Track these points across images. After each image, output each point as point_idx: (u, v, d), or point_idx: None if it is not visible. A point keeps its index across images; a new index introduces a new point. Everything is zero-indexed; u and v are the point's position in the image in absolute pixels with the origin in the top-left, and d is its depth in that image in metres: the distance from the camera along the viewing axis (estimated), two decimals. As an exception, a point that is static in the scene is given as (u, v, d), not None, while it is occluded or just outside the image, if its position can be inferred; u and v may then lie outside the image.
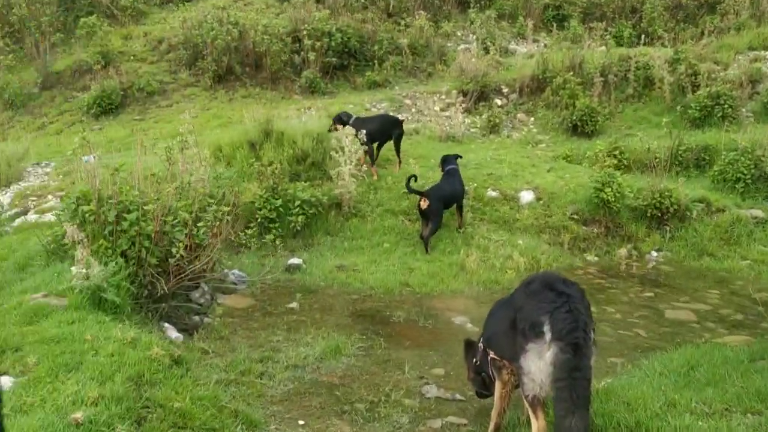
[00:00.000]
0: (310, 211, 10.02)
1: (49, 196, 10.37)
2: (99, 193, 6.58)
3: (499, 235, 10.11)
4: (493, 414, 4.59)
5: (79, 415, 3.49)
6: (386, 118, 12.35)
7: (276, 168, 10.14)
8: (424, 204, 9.60)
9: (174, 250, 6.49)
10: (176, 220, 6.71)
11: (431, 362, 6.13)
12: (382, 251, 9.56)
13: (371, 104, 16.31)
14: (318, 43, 17.05)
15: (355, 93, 17.23)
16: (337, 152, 10.57)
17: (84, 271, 5.42)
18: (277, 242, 9.73)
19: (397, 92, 17.22)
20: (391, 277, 8.53)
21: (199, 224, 6.78)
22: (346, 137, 10.46)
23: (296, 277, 8.59)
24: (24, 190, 10.85)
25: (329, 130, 11.51)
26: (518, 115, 16.25)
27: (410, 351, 6.35)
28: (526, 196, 11.08)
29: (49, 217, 8.80)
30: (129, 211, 6.41)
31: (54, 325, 4.88)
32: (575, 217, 10.57)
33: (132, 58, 17.58)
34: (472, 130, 15.54)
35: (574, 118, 14.87)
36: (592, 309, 7.63)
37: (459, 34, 20.20)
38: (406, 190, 10.45)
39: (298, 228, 9.86)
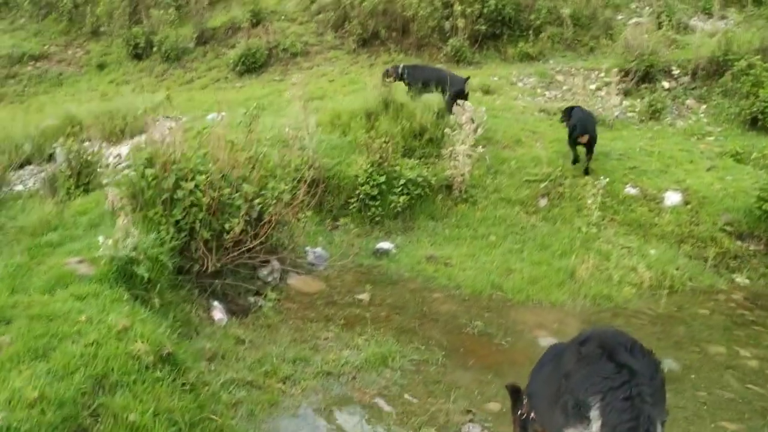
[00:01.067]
0: (415, 192, 9.21)
1: (176, 151, 10.39)
2: (167, 157, 6.24)
3: (628, 240, 8.65)
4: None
5: (-7, 421, 3.05)
6: (446, 73, 11.60)
7: (385, 141, 9.38)
8: (584, 139, 9.56)
9: (228, 225, 6.01)
10: (237, 193, 6.21)
11: (489, 393, 5.13)
12: (485, 245, 8.52)
13: (518, 78, 15.01)
14: (470, 9, 15.92)
15: (503, 65, 15.95)
16: (453, 129, 9.60)
17: (110, 242, 5.05)
18: (375, 222, 9.08)
19: (551, 66, 15.70)
20: (485, 277, 7.51)
21: (256, 200, 6.21)
22: (464, 113, 9.43)
23: (381, 264, 7.86)
24: (149, 142, 10.99)
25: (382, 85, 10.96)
26: (687, 101, 14.10)
27: (470, 373, 5.39)
28: (672, 198, 9.41)
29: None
30: (189, 179, 6.01)
31: (63, 298, 4.56)
32: (728, 228, 8.78)
33: (283, 17, 17.57)
34: (628, 114, 13.72)
35: (755, 109, 12.55)
36: (721, 350, 6.29)
37: (633, 6, 17.99)
38: (529, 177, 9.35)
39: (399, 209, 9.09)
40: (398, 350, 5.61)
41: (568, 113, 10.23)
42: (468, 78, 11.62)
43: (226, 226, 6.01)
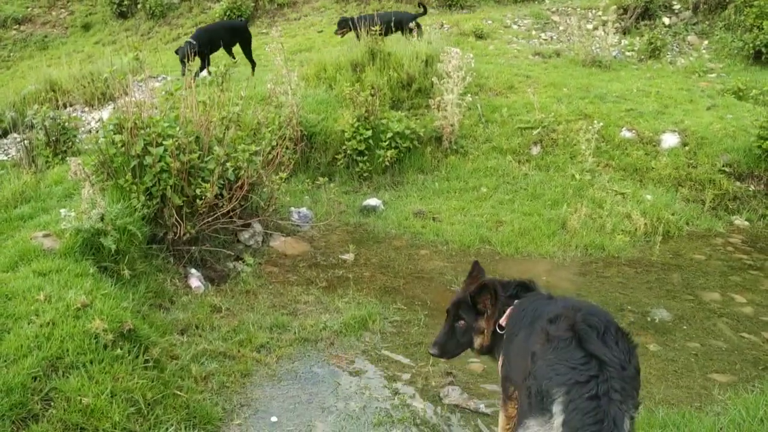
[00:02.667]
0: (404, 145, 8.96)
1: (143, 114, 10.14)
2: (135, 122, 5.99)
3: (623, 186, 8.40)
4: (496, 457, 3.46)
5: (-68, 410, 2.92)
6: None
7: (371, 94, 9.07)
8: None
9: (199, 191, 5.80)
10: (209, 157, 5.98)
11: (472, 353, 4.97)
12: (476, 197, 8.31)
13: (512, 20, 14.56)
14: (460, -50, 15.33)
15: (497, 7, 15.47)
16: (440, 78, 9.27)
17: (73, 214, 4.87)
18: (363, 178, 8.87)
19: (546, 7, 15.23)
20: (473, 230, 7.31)
21: (228, 163, 5.98)
22: (452, 60, 9.08)
23: (368, 221, 7.67)
24: (118, 107, 10.72)
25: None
26: (688, 38, 13.66)
27: (453, 333, 5.23)
28: (669, 140, 9.12)
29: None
30: (157, 144, 5.78)
31: (24, 275, 4.41)
32: (727, 169, 8.52)
33: (267, -32, 16.99)
34: (627, 53, 13.30)
35: (759, 42, 12.15)
36: (715, 297, 6.10)
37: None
38: (521, 125, 9.06)
39: (388, 163, 8.85)
40: (379, 312, 5.45)
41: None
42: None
43: (198, 191, 5.80)
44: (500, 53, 12.78)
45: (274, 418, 4.06)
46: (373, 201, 8.07)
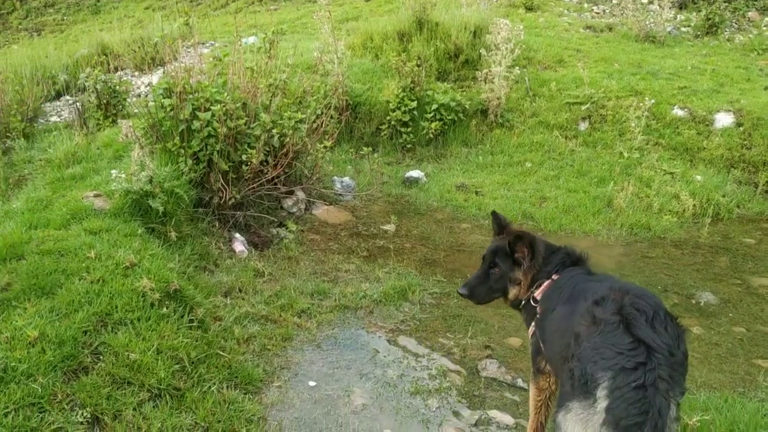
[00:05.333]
0: (449, 117, 8.90)
1: (192, 79, 10.25)
2: (184, 86, 6.06)
3: (672, 165, 8.19)
4: (529, 429, 3.46)
5: (-10, 360, 3.05)
6: None
7: (417, 65, 9.00)
8: None
9: (245, 156, 5.86)
10: (255, 123, 6.03)
11: (511, 328, 4.98)
12: (520, 172, 8.22)
13: (565, -7, 14.15)
14: None
15: (549, -22, 15.03)
16: (488, 50, 9.13)
17: (123, 175, 4.98)
18: (406, 149, 8.84)
19: (600, -21, 14.73)
20: (516, 206, 7.25)
21: (274, 130, 6.02)
22: (501, 32, 8.93)
23: (410, 193, 7.67)
24: (168, 72, 10.85)
25: None
26: (749, 14, 13.14)
27: (492, 309, 5.19)
28: (723, 119, 8.84)
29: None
30: (205, 109, 5.85)
31: (76, 233, 4.54)
32: (784, 152, 8.23)
33: (318, -66, 16.84)
34: (682, 29, 12.88)
35: (824, 19, 11.60)
36: (765, 282, 5.93)
37: None
38: (569, 99, 8.89)
39: (432, 136, 8.81)
40: (419, 283, 5.47)
41: None
42: None
43: (244, 157, 5.87)
44: (550, 26, 12.50)
45: (312, 382, 4.13)
46: (415, 173, 8.04)
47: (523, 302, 3.47)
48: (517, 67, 9.36)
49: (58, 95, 10.87)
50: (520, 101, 9.48)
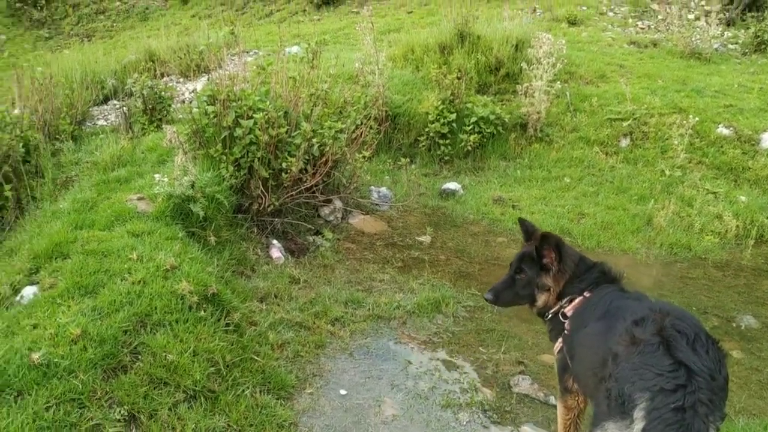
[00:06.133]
0: (488, 130, 8.89)
1: (236, 87, 10.43)
2: (228, 94, 6.19)
3: (715, 185, 8.04)
4: (559, 449, 3.42)
5: (36, 355, 3.15)
6: None
7: (457, 77, 9.02)
8: None
9: (285, 164, 5.95)
10: (296, 132, 6.12)
11: (545, 345, 4.91)
12: (558, 187, 8.15)
13: (608, 7, 14.08)
14: (559, -67, 14.88)
15: (593, -7, 14.93)
16: (530, 63, 9.10)
17: (166, 179, 5.10)
18: (444, 161, 8.86)
19: (646, -6, 14.59)
20: (554, 221, 7.19)
21: (314, 139, 6.10)
22: (542, 46, 8.89)
23: (447, 205, 7.67)
24: (213, 79, 11.06)
25: None
26: (799, 31, 12.78)
27: (526, 324, 5.18)
28: (771, 139, 8.64)
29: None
30: (248, 117, 5.95)
31: (119, 235, 4.66)
32: (833, 174, 8.01)
33: (363, -54, 17.03)
34: (729, 46, 12.64)
35: None
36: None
37: None
38: (611, 115, 8.81)
39: (470, 148, 8.81)
40: (453, 296, 5.47)
41: None
42: None
43: (284, 164, 5.95)
44: (593, 41, 12.40)
45: (343, 391, 4.15)
46: (452, 185, 8.05)
47: (551, 315, 3.43)
48: (559, 82, 9.30)
49: (105, 99, 11.16)
50: (561, 116, 9.42)
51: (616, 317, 2.93)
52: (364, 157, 6.96)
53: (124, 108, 9.02)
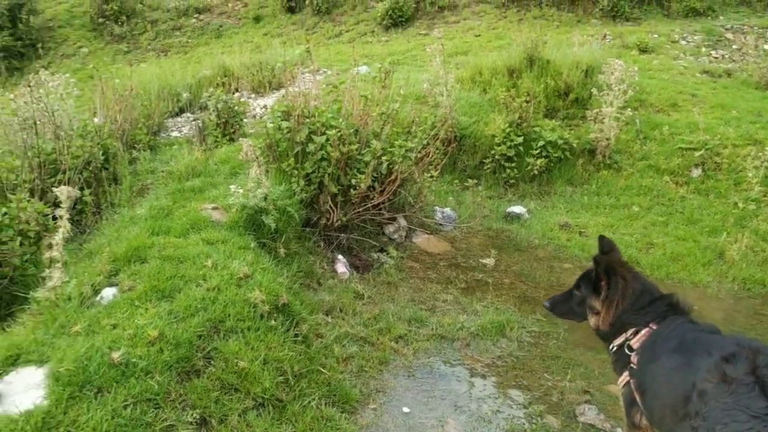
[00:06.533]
0: (555, 155, 8.81)
1: (309, 104, 10.64)
2: (302, 110, 6.34)
3: (793, 220, 7.74)
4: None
5: (116, 355, 3.27)
6: None
7: (526, 101, 9.00)
8: None
9: (354, 181, 6.04)
10: (366, 149, 6.21)
11: (612, 374, 4.82)
12: (626, 215, 8.00)
13: (681, 35, 13.80)
14: (632, -40, 14.76)
15: (665, 21, 14.72)
16: (600, 89, 9.00)
17: (241, 191, 5.24)
18: (509, 184, 8.81)
19: (720, 23, 14.29)
20: (621, 250, 6.88)
21: (384, 157, 6.17)
22: (614, 73, 8.79)
23: (511, 228, 7.62)
24: (287, 95, 11.31)
25: None
26: None
27: (593, 353, 5.08)
28: None
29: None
30: (320, 133, 6.08)
31: (194, 242, 4.80)
32: None
33: (433, -30, 17.22)
34: (810, 77, 12.18)
35: None
36: None
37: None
38: (682, 145, 8.62)
39: (536, 172, 8.74)
40: (518, 320, 5.42)
41: None
42: None
43: (353, 181, 6.04)
44: (665, 69, 12.17)
45: (406, 409, 4.16)
46: (517, 208, 8.00)
47: (615, 348, 3.36)
48: (629, 109, 9.16)
49: (180, 112, 11.57)
50: (630, 143, 9.27)
51: (694, 351, 2.84)
52: (431, 176, 7.00)
53: (199, 121, 9.33)
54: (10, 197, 5.30)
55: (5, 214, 5.11)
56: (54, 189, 4.04)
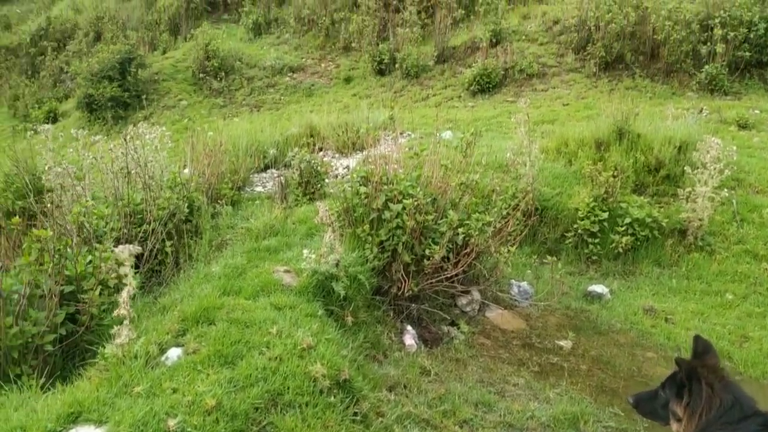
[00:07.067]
0: (642, 233, 8.41)
1: (389, 168, 10.70)
2: (381, 177, 6.33)
3: None
4: None
5: (172, 422, 3.22)
6: None
7: (613, 175, 8.70)
8: None
9: (429, 251, 5.92)
10: (443, 220, 6.09)
11: (696, 484, 4.39)
12: (719, 303, 7.47)
13: (785, 112, 13.09)
14: (733, 33, 14.33)
15: (767, 96, 14.04)
16: (694, 167, 8.59)
17: (313, 255, 5.21)
18: (591, 261, 8.46)
19: (829, 101, 13.50)
20: (712, 341, 6.51)
21: (460, 229, 6.03)
22: (710, 151, 8.38)
23: (591, 309, 7.24)
24: (369, 157, 11.43)
25: None
26: None
27: (675, 456, 4.66)
28: None
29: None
30: (397, 201, 6.04)
31: (263, 306, 4.78)
32: None
33: (523, 38, 17.28)
34: None
35: None
36: None
37: None
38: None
39: (621, 250, 8.35)
40: (593, 412, 5.06)
41: None
42: None
43: (427, 251, 5.92)
44: (766, 147, 11.54)
45: (467, 503, 3.90)
46: (599, 288, 7.62)
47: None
48: (725, 188, 8.69)
49: (266, 167, 11.89)
50: (725, 225, 8.75)
51: None
52: (509, 251, 6.78)
53: (281, 178, 9.50)
54: (96, 246, 5.48)
55: (90, 262, 5.26)
56: (114, 249, 4.11)
